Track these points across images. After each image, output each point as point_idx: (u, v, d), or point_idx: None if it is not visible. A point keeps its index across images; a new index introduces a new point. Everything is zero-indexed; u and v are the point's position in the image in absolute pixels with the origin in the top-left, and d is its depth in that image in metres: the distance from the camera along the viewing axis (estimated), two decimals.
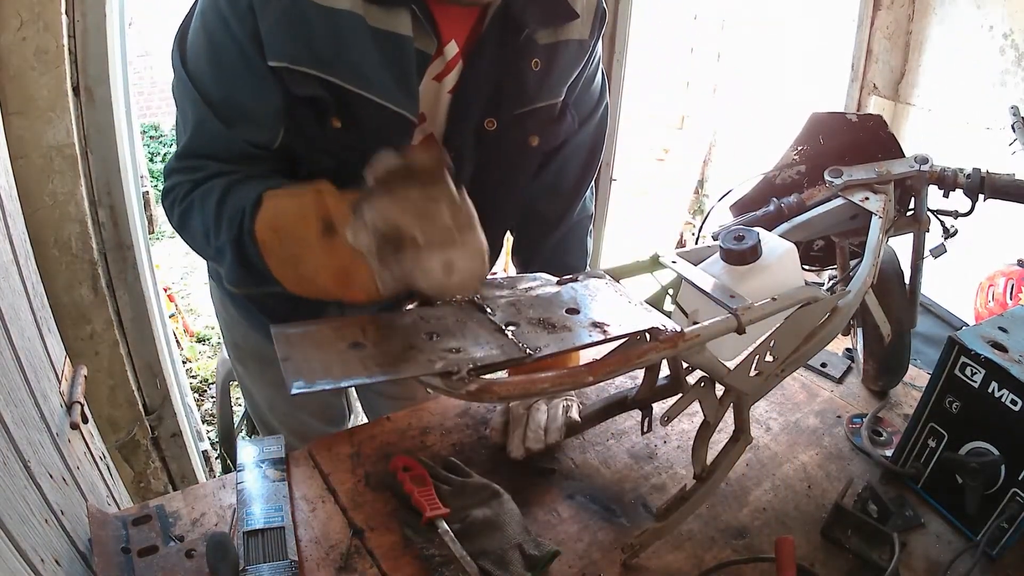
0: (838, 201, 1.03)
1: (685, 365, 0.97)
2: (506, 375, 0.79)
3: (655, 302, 0.92)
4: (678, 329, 0.73)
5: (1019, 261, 2.28)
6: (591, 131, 1.13)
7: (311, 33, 0.81)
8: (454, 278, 0.69)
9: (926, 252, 1.10)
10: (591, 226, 1.29)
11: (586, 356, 1.08)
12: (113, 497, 1.23)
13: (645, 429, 1.02)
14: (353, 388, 1.49)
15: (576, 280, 0.84)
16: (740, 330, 0.77)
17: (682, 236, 5.15)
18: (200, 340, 3.59)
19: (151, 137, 6.29)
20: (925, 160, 1.03)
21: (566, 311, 0.76)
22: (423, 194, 0.67)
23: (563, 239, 1.23)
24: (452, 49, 0.91)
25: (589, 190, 1.23)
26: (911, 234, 1.09)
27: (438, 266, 0.68)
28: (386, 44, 0.83)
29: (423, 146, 0.67)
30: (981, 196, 1.03)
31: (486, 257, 0.73)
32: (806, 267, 1.13)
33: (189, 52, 0.87)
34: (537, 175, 1.12)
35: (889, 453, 1.05)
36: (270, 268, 0.77)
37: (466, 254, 0.69)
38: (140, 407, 1.73)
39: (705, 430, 0.85)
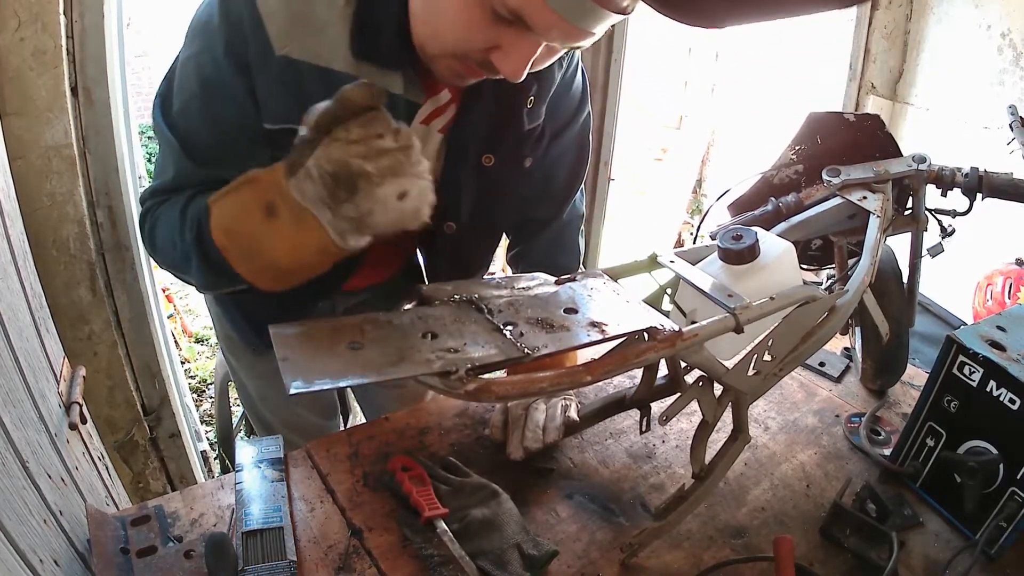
0: (836, 200, 1.03)
1: (683, 364, 0.97)
2: (504, 375, 0.79)
3: (653, 302, 0.93)
4: (676, 328, 0.73)
5: (1017, 260, 2.29)
6: (575, 133, 1.12)
7: (308, 93, 0.79)
8: (408, 204, 0.69)
9: (924, 251, 1.10)
10: (582, 225, 1.30)
11: (584, 356, 1.08)
12: (112, 497, 1.23)
13: (643, 428, 1.02)
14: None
15: (574, 280, 0.84)
16: (738, 329, 0.77)
17: (680, 236, 5.15)
18: (198, 340, 3.59)
19: (149, 137, 6.26)
20: (923, 159, 1.03)
21: (564, 311, 0.77)
22: (364, 129, 0.67)
23: (555, 239, 1.25)
24: (444, 96, 0.94)
25: (579, 191, 1.24)
26: (909, 233, 1.09)
27: (393, 195, 0.68)
28: None
29: (354, 84, 0.67)
30: (979, 195, 1.03)
31: (431, 182, 0.72)
32: (804, 266, 1.13)
33: (177, 102, 0.87)
34: (528, 182, 1.12)
35: (888, 452, 1.05)
36: (235, 269, 0.78)
37: (416, 179, 0.70)
38: (139, 407, 1.73)
39: (703, 429, 0.85)
